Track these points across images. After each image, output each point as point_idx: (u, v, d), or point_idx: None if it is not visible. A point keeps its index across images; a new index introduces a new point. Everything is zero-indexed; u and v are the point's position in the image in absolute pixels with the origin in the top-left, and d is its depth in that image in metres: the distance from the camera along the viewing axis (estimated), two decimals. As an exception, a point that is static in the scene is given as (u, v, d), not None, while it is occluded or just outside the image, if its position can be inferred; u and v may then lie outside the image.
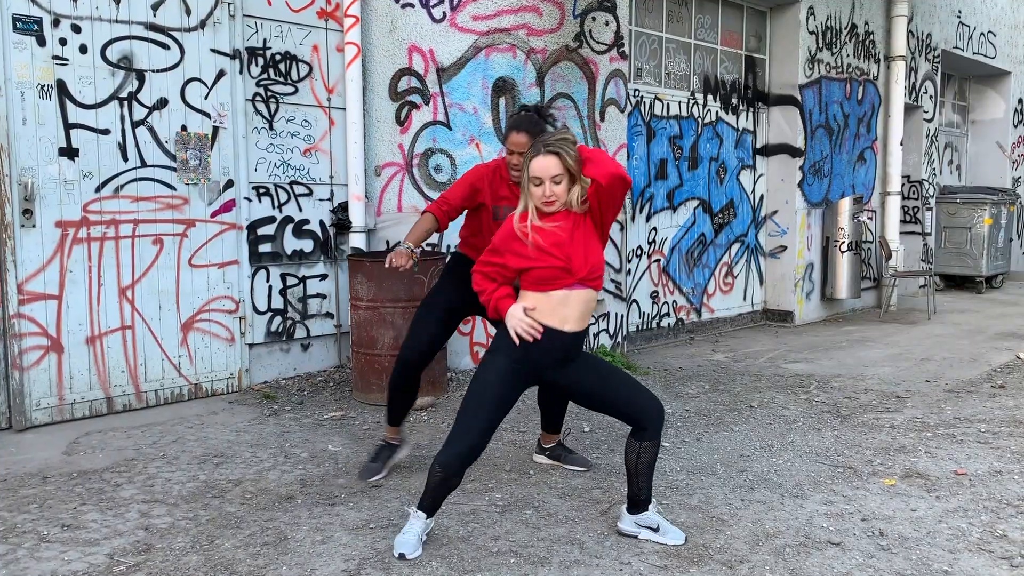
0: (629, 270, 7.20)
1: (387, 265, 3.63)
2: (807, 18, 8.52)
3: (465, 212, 4.00)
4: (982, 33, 12.03)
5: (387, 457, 4.04)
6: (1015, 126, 13.21)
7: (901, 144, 9.91)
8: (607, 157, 3.13)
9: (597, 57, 6.43)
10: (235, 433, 4.70)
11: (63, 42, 4.79)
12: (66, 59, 4.80)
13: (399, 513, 3.52)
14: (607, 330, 6.68)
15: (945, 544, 3.21)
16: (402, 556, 3.08)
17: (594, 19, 6.38)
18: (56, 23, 4.76)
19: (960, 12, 11.42)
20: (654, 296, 7.67)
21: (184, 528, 3.40)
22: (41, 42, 4.71)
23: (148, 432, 4.72)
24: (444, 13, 5.86)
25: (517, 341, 3.03)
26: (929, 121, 11.11)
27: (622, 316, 6.80)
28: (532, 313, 3.05)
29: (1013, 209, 11.93)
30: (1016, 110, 13.20)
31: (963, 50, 11.59)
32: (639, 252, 7.44)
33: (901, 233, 10.33)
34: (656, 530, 3.23)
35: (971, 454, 4.33)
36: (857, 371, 6.49)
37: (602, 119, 6.51)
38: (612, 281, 6.69)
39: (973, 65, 12.20)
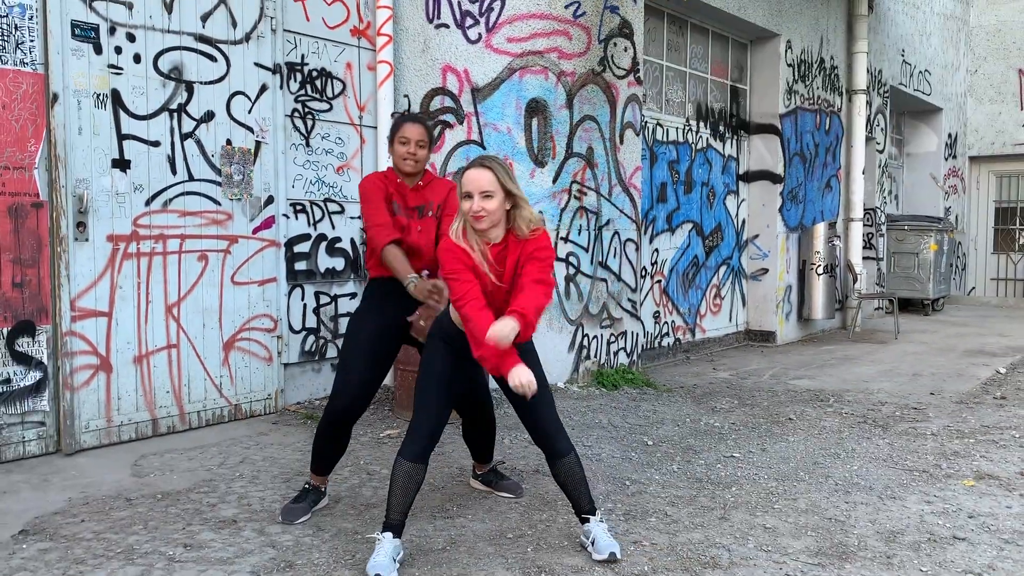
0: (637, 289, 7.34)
1: (420, 322, 3.54)
2: (786, 51, 8.93)
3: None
4: (920, 71, 12.81)
5: (314, 500, 3.71)
6: (946, 159, 14.05)
7: (863, 173, 10.44)
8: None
9: (618, 81, 6.60)
10: (299, 452, 4.58)
11: (118, 51, 4.65)
12: (121, 68, 4.66)
13: (524, 522, 3.52)
14: (624, 348, 6.78)
15: (1058, 536, 3.42)
16: None
17: (615, 45, 6.55)
18: (112, 31, 4.62)
19: (904, 51, 12.14)
20: (656, 316, 7.83)
21: (313, 544, 3.31)
22: (98, 50, 4.56)
23: (207, 453, 4.56)
24: (480, 34, 5.92)
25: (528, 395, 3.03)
26: (881, 152, 11.74)
27: (637, 335, 6.93)
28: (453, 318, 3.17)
29: (952, 236, 12.67)
30: (947, 144, 14.05)
31: (906, 86, 12.31)
32: (643, 272, 7.60)
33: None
34: (593, 544, 3.17)
35: (1022, 457, 4.59)
36: (861, 386, 6.77)
37: (621, 142, 6.67)
38: (629, 300, 6.82)
39: (913, 101, 12.95)
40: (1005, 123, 14.75)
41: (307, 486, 3.74)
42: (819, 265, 9.30)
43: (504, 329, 2.92)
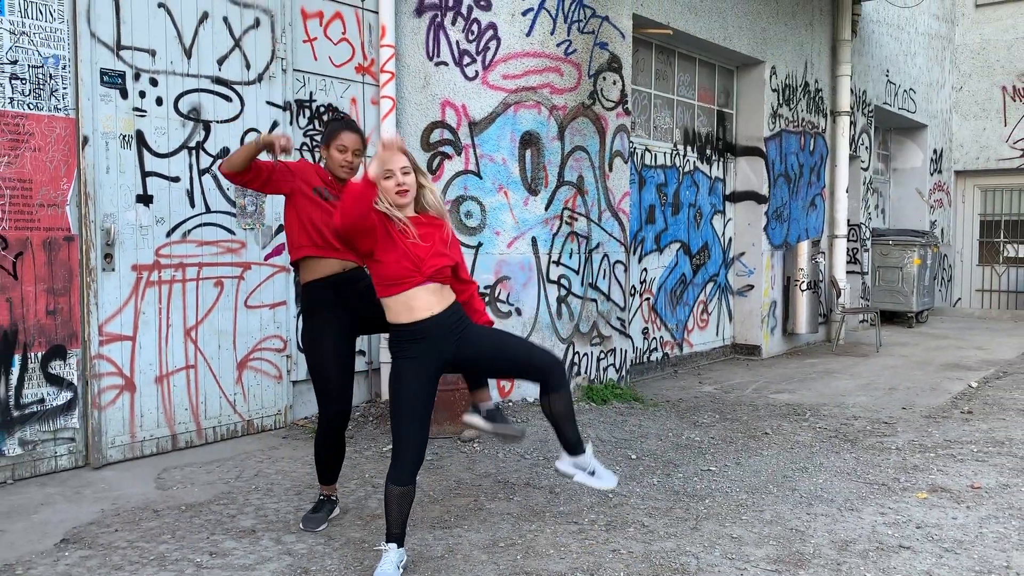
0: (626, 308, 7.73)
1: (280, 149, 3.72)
2: (770, 76, 9.32)
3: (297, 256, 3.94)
4: (905, 90, 13.21)
5: (330, 510, 4.10)
6: (931, 174, 14.46)
7: (847, 191, 10.84)
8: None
9: (607, 113, 6.99)
10: (309, 466, 4.95)
11: (142, 95, 5.04)
12: (144, 111, 5.05)
13: (516, 532, 3.90)
14: (613, 365, 7.17)
15: (994, 545, 3.80)
16: None
17: (604, 79, 6.94)
18: (137, 77, 5.00)
19: (888, 71, 12.54)
20: (645, 332, 8.22)
21: (325, 552, 3.69)
22: (124, 95, 4.95)
23: (223, 467, 4.94)
24: (477, 72, 6.31)
25: (373, 175, 3.21)
26: (865, 170, 12.14)
27: (626, 351, 7.31)
28: (397, 316, 3.34)
29: (936, 250, 13.07)
30: (932, 159, 14.45)
31: (891, 105, 12.71)
32: (633, 291, 7.99)
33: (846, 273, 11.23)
34: (592, 474, 3.56)
35: (976, 470, 4.98)
36: (838, 400, 7.15)
37: (610, 169, 7.06)
38: (617, 319, 7.21)
39: (897, 119, 13.35)
40: (989, 139, 15.15)
41: (322, 497, 4.14)
42: (803, 281, 9.70)
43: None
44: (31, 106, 4.60)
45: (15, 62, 4.53)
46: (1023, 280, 15.13)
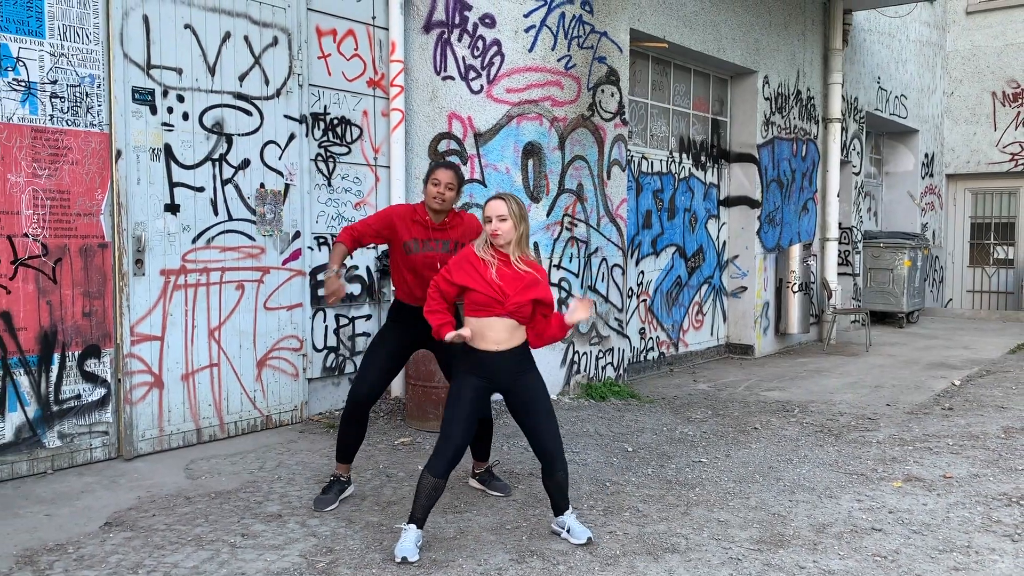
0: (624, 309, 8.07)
1: (330, 300, 4.30)
2: (763, 86, 9.67)
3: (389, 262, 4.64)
4: (896, 96, 13.57)
5: (339, 490, 4.51)
6: (923, 178, 14.81)
7: (838, 196, 11.19)
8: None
9: (605, 124, 7.34)
10: (326, 458, 5.30)
11: (170, 110, 5.38)
12: (172, 125, 5.39)
13: (521, 516, 4.25)
14: (611, 363, 7.52)
15: (958, 527, 4.15)
16: (405, 560, 3.65)
17: (603, 91, 7.29)
18: (165, 93, 5.35)
19: (879, 78, 12.89)
20: (642, 332, 8.57)
21: (347, 534, 4.03)
22: (153, 111, 5.29)
23: (246, 459, 5.29)
24: (482, 86, 6.66)
25: (449, 338, 3.82)
26: (857, 175, 12.49)
27: (623, 351, 7.66)
28: (470, 340, 3.84)
29: (927, 252, 13.43)
30: (923, 163, 14.81)
31: (882, 111, 13.07)
32: (630, 293, 8.33)
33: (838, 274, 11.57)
34: (569, 532, 3.96)
35: (949, 462, 5.33)
36: (825, 397, 7.50)
37: (608, 177, 7.41)
38: (615, 320, 7.56)
39: (889, 124, 13.71)
40: (980, 143, 15.52)
41: (332, 478, 4.54)
42: (794, 283, 10.05)
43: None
44: (69, 122, 4.94)
45: (55, 82, 4.87)
46: (1012, 281, 15.50)
